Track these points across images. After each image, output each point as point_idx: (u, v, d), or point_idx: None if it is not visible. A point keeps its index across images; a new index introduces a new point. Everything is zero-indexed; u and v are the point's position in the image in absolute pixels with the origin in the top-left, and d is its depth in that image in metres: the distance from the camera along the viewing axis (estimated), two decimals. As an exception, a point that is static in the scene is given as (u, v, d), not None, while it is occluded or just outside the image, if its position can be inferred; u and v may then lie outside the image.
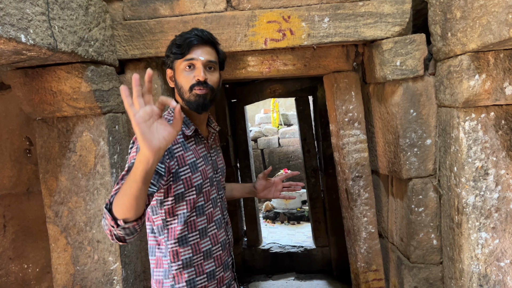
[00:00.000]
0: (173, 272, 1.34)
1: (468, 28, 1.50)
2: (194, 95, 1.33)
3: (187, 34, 1.35)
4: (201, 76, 1.31)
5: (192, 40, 1.32)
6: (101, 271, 1.84)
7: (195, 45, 1.33)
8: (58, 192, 1.83)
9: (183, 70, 1.34)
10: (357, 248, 2.24)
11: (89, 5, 1.69)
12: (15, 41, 1.20)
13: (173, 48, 1.35)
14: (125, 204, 1.03)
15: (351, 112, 2.16)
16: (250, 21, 1.89)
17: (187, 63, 1.33)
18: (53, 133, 1.82)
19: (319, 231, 4.68)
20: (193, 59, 1.33)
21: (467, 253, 1.71)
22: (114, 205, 1.06)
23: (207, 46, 1.36)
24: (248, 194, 1.77)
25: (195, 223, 1.36)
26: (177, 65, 1.36)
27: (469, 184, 1.69)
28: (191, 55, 1.33)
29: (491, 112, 1.67)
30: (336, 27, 1.88)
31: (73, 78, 1.69)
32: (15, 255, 2.18)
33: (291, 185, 1.76)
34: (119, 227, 1.06)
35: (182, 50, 1.33)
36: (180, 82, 1.35)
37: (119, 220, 1.05)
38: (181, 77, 1.35)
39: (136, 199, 1.02)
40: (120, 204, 1.04)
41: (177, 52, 1.33)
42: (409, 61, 1.85)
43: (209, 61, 1.35)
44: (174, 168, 1.29)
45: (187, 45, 1.32)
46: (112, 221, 1.05)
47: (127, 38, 1.93)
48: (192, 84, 1.32)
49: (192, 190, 1.33)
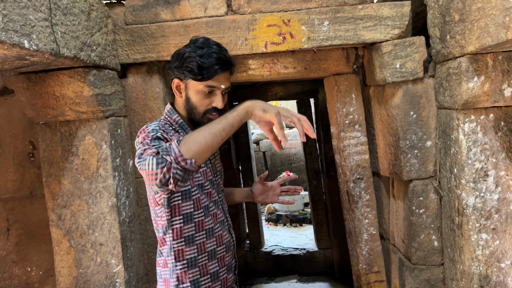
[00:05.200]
0: (178, 271, 1.35)
1: (467, 31, 1.51)
2: (207, 118, 1.33)
3: (212, 57, 1.26)
4: (221, 106, 1.31)
5: (217, 68, 1.27)
6: (103, 274, 1.85)
7: (219, 74, 1.29)
8: (61, 196, 1.85)
9: (200, 92, 1.30)
10: (359, 250, 2.25)
11: (91, 10, 1.71)
12: (18, 47, 1.22)
13: (193, 67, 1.26)
14: (208, 144, 1.08)
15: (352, 115, 2.17)
16: (250, 25, 1.91)
17: (208, 89, 1.29)
18: (56, 137, 1.84)
19: (321, 233, 4.68)
20: (215, 87, 1.29)
21: (468, 254, 1.72)
22: (190, 143, 1.08)
23: (228, 72, 1.33)
24: (246, 198, 1.75)
25: (203, 223, 1.37)
26: (193, 84, 1.31)
27: (469, 186, 1.70)
28: (214, 82, 1.28)
29: (491, 114, 1.68)
30: (336, 30, 1.89)
31: (75, 83, 1.70)
32: (18, 258, 2.19)
33: (289, 189, 1.70)
34: (187, 165, 1.06)
35: (205, 74, 1.27)
36: (194, 102, 1.32)
37: (190, 159, 1.06)
38: (197, 98, 1.31)
39: (219, 144, 1.10)
40: (203, 143, 1.08)
41: (197, 74, 1.27)
42: (408, 63, 1.86)
43: (227, 88, 1.34)
44: None
45: (212, 73, 1.27)
46: (181, 156, 1.05)
47: (129, 43, 1.95)
48: (208, 109, 1.32)
49: (195, 189, 1.35)
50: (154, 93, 2.03)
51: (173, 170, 1.05)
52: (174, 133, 1.33)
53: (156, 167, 1.05)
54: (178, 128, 1.38)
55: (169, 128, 1.34)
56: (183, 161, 1.05)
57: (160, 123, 1.33)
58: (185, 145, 1.07)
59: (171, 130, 1.33)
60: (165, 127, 1.32)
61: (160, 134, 1.21)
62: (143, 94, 2.04)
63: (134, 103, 2.05)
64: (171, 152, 1.05)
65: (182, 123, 1.38)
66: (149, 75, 2.03)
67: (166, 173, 1.05)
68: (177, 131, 1.37)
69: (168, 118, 1.39)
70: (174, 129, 1.36)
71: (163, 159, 1.05)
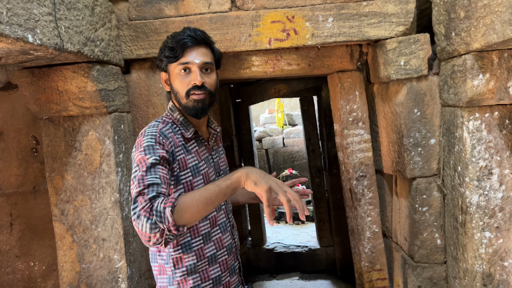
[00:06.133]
0: (177, 278, 1.31)
1: (472, 28, 1.50)
2: (192, 100, 1.29)
3: (180, 35, 1.28)
4: (198, 81, 1.27)
5: (186, 41, 1.26)
6: (106, 269, 1.86)
7: (189, 47, 1.27)
8: (64, 191, 1.85)
9: (178, 75, 1.29)
10: (361, 248, 2.25)
11: (95, 6, 1.70)
12: (22, 41, 1.22)
13: (166, 51, 1.29)
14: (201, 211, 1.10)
15: (355, 112, 2.17)
16: (254, 21, 1.90)
17: (182, 67, 1.28)
18: (59, 132, 1.84)
19: (324, 231, 4.68)
20: (188, 62, 1.27)
21: (471, 252, 1.71)
22: (182, 211, 1.07)
23: (201, 46, 1.30)
24: (252, 200, 1.69)
25: (197, 228, 1.33)
26: (171, 69, 1.31)
27: (473, 184, 1.69)
28: (186, 58, 1.27)
29: (495, 112, 1.67)
30: (340, 27, 1.88)
31: (79, 78, 1.70)
32: (21, 253, 2.20)
33: (298, 192, 1.61)
34: (178, 232, 1.07)
35: (176, 53, 1.27)
36: (176, 87, 1.31)
37: (182, 226, 1.07)
38: (177, 81, 1.30)
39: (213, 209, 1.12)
40: (194, 212, 1.09)
41: (170, 56, 1.28)
42: (413, 60, 1.85)
43: (205, 63, 1.29)
44: (176, 172, 1.26)
45: (180, 48, 1.26)
46: (173, 226, 1.05)
47: (133, 38, 1.95)
48: (188, 89, 1.28)
49: None
50: (157, 89, 2.03)
51: (166, 236, 1.07)
52: (174, 136, 1.29)
53: (150, 231, 1.06)
54: (180, 126, 1.35)
55: (168, 130, 1.30)
56: (175, 230, 1.06)
57: (159, 127, 1.29)
58: (178, 213, 1.07)
59: (171, 133, 1.30)
60: (164, 131, 1.28)
61: (155, 156, 1.18)
62: (146, 90, 2.04)
63: (138, 98, 2.05)
64: (165, 220, 1.05)
65: (184, 121, 1.35)
66: (152, 71, 2.03)
67: (159, 238, 1.07)
68: (179, 129, 1.34)
69: (170, 116, 1.37)
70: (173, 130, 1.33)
71: (157, 225, 1.05)
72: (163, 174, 1.16)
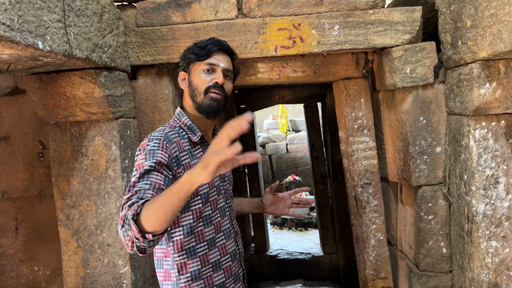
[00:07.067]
0: (182, 285, 1.31)
1: (479, 37, 1.50)
2: (209, 97, 1.33)
3: (209, 41, 1.38)
4: (220, 80, 1.33)
5: (215, 46, 1.36)
6: (110, 275, 1.86)
7: (217, 51, 1.36)
8: (69, 196, 1.86)
9: (201, 72, 1.35)
10: (366, 256, 2.24)
11: (103, 12, 1.72)
12: (32, 48, 1.23)
13: (195, 50, 1.37)
14: (160, 219, 1.04)
15: (361, 119, 2.17)
16: (260, 28, 1.91)
17: (207, 66, 1.35)
18: (66, 137, 1.85)
19: (327, 238, 4.66)
20: (214, 64, 1.35)
21: (477, 262, 1.70)
22: (145, 218, 1.05)
23: (227, 55, 1.40)
24: (256, 209, 1.70)
25: (203, 233, 1.33)
26: (195, 67, 1.37)
27: (479, 193, 1.68)
28: (213, 59, 1.35)
29: (502, 121, 1.67)
30: (346, 35, 1.89)
31: (86, 84, 1.72)
32: (26, 257, 2.21)
33: (300, 201, 1.67)
34: (146, 240, 1.05)
35: (205, 52, 1.34)
36: (196, 83, 1.36)
37: (148, 233, 1.05)
38: (198, 78, 1.35)
39: (173, 215, 1.05)
40: (153, 219, 1.04)
41: (200, 54, 1.35)
42: (419, 68, 1.85)
43: (227, 69, 1.38)
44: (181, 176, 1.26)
45: (209, 49, 1.35)
46: (139, 233, 1.04)
47: (140, 45, 1.96)
48: (209, 86, 1.33)
49: (198, 199, 1.31)
50: (163, 95, 2.04)
51: (137, 244, 1.07)
52: (180, 140, 1.31)
53: (124, 239, 1.07)
54: (187, 130, 1.37)
55: (175, 134, 1.32)
56: (142, 238, 1.05)
57: (165, 131, 1.31)
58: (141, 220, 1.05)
59: (177, 137, 1.31)
60: (169, 136, 1.29)
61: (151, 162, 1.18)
62: (152, 95, 2.05)
63: (144, 104, 2.06)
64: (131, 228, 1.05)
65: (191, 125, 1.37)
66: (159, 77, 2.04)
67: (133, 246, 1.07)
68: (186, 134, 1.36)
69: (177, 121, 1.39)
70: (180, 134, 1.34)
71: (127, 233, 1.06)
72: (156, 180, 1.16)
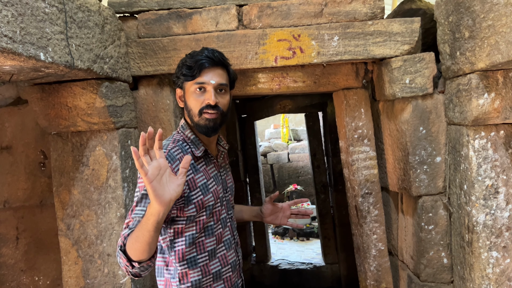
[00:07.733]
0: None
1: (477, 48, 1.51)
2: (204, 119, 1.31)
3: (198, 56, 1.32)
4: (212, 100, 1.29)
5: (204, 62, 1.30)
6: (110, 285, 1.85)
7: (206, 68, 1.30)
8: (70, 205, 1.86)
9: (193, 93, 1.32)
10: (367, 266, 2.23)
11: (105, 24, 1.74)
12: (34, 59, 1.25)
13: (184, 70, 1.32)
14: (138, 249, 1.09)
15: (361, 129, 2.17)
16: (261, 39, 1.93)
17: (197, 86, 1.31)
18: (67, 147, 1.86)
19: (329, 247, 4.64)
20: (204, 82, 1.30)
21: (478, 272, 1.69)
22: (128, 248, 1.11)
23: (218, 68, 1.34)
24: (255, 218, 1.72)
25: (204, 244, 1.34)
26: (187, 86, 1.34)
27: (479, 203, 1.68)
28: (202, 78, 1.30)
29: (501, 131, 1.67)
30: (346, 46, 1.90)
31: (88, 94, 1.73)
32: (26, 267, 2.20)
33: (299, 212, 1.69)
34: (134, 268, 1.12)
35: (193, 72, 1.30)
36: (190, 104, 1.33)
37: (134, 262, 1.11)
38: (191, 99, 1.33)
39: (149, 245, 1.08)
40: (134, 249, 1.10)
41: (188, 74, 1.31)
42: (418, 79, 1.86)
43: (220, 84, 1.33)
44: (186, 192, 1.27)
45: (198, 68, 1.29)
46: (127, 262, 1.11)
47: (141, 55, 1.98)
48: (202, 107, 1.30)
49: (203, 212, 1.32)
50: (164, 105, 2.05)
51: (129, 270, 1.14)
52: (183, 156, 1.29)
53: (121, 265, 1.15)
54: (191, 144, 1.36)
55: (178, 150, 1.31)
56: (130, 266, 1.12)
57: (168, 148, 1.30)
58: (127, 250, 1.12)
59: (180, 153, 1.30)
60: (172, 153, 1.28)
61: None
62: (153, 106, 2.06)
63: (145, 114, 2.07)
64: (121, 257, 1.13)
65: (194, 139, 1.37)
66: (160, 88, 2.06)
67: (128, 272, 1.15)
68: (190, 148, 1.36)
69: (181, 134, 1.39)
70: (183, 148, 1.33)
71: (120, 260, 1.14)
72: None
